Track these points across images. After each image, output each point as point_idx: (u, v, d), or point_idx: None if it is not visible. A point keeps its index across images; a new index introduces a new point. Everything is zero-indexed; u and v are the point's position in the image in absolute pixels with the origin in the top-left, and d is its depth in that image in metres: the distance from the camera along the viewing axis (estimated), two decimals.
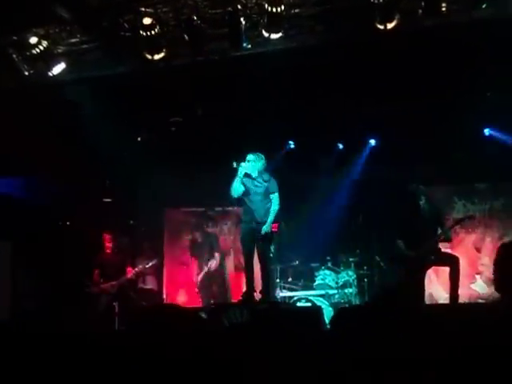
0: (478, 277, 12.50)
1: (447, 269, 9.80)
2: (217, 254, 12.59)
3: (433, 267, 10.44)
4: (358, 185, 13.00)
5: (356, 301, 11.52)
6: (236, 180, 9.52)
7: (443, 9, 7.94)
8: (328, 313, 10.79)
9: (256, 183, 9.61)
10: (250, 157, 9.62)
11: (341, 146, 13.39)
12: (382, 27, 8.14)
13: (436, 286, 12.11)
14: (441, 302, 11.93)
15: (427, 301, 10.67)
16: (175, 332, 5.58)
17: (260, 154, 9.70)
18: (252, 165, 9.58)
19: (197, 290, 12.52)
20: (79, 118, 11.21)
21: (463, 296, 11.77)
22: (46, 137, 11.43)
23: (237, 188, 9.55)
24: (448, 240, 10.18)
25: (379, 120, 11.88)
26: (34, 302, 12.09)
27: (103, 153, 11.78)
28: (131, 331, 5.06)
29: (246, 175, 9.60)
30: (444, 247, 10.25)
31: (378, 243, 11.95)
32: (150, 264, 12.29)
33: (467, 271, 12.33)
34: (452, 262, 9.73)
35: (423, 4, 7.94)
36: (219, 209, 13.94)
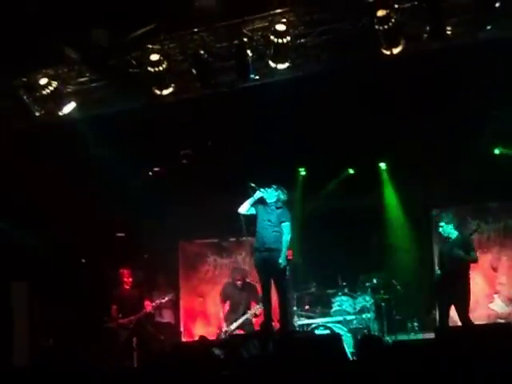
0: (496, 296, 12.39)
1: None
2: (256, 306, 11.48)
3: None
4: (370, 209, 12.97)
5: (374, 326, 11.45)
6: (249, 200, 9.60)
7: (448, 32, 8.00)
8: (347, 339, 10.74)
9: (269, 210, 9.64)
10: (272, 186, 9.69)
11: (351, 171, 13.38)
12: (387, 52, 8.18)
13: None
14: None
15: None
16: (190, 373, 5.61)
17: (283, 188, 9.79)
18: (271, 192, 9.63)
19: (220, 331, 11.62)
20: (90, 155, 11.27)
21: (482, 316, 11.74)
22: (58, 175, 11.51)
23: (246, 207, 9.65)
24: (474, 261, 10.18)
25: (389, 144, 11.92)
26: (53, 340, 12.12)
27: (115, 188, 11.85)
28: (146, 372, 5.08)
29: (261, 200, 9.65)
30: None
31: (393, 267, 11.94)
32: (167, 298, 12.26)
33: (485, 291, 12.28)
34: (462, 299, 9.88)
35: (428, 28, 7.99)
36: (233, 239, 13.95)
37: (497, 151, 12.31)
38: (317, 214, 13.10)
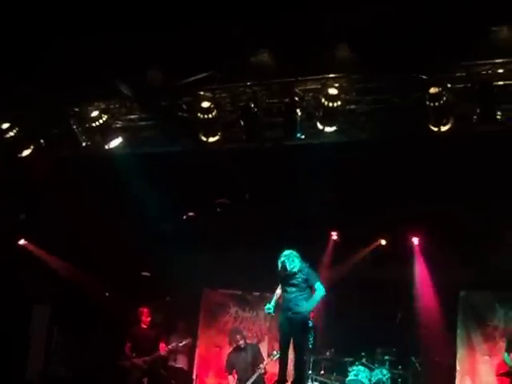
0: None
1: None
2: (261, 366, 11.65)
3: None
4: (398, 283, 12.84)
5: None
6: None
7: (498, 116, 8.01)
8: None
9: (294, 277, 9.48)
10: (288, 252, 9.54)
11: (383, 242, 13.29)
12: (435, 129, 8.22)
13: None
14: None
15: None
16: None
17: (294, 251, 9.58)
18: (291, 261, 9.47)
19: None
20: (128, 191, 11.39)
21: None
22: (93, 206, 11.66)
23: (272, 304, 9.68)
24: None
25: (422, 220, 11.83)
26: (65, 369, 12.13)
27: (148, 227, 11.95)
28: None
29: (282, 268, 9.48)
30: None
31: (415, 344, 11.77)
32: (184, 343, 12.23)
33: None
34: None
35: (478, 110, 8.02)
36: (257, 293, 13.87)
37: None
38: (344, 281, 13.02)
